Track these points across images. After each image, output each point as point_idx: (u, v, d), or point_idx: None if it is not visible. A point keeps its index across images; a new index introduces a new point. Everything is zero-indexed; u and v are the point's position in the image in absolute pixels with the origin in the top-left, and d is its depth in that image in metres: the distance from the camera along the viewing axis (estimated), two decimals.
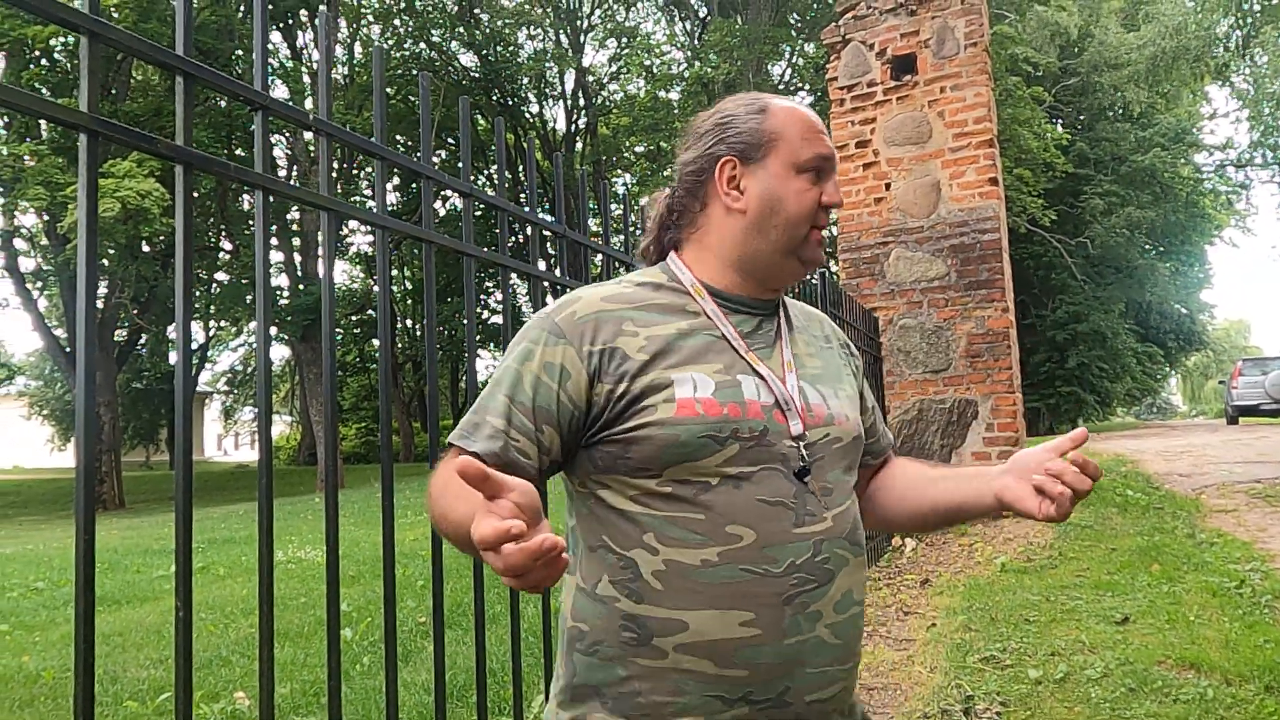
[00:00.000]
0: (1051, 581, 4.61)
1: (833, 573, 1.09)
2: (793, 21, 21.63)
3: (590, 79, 25.84)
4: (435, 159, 27.77)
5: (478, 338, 30.71)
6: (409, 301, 32.77)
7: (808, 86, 22.58)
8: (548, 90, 26.73)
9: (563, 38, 24.85)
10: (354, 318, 31.53)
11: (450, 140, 27.19)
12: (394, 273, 31.78)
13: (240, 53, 19.46)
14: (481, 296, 29.27)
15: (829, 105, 7.20)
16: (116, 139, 1.10)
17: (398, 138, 26.42)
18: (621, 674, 1.06)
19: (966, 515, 1.27)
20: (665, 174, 24.57)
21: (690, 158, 1.22)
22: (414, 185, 26.64)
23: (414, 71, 25.52)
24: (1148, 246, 26.59)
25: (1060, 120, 25.46)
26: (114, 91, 19.17)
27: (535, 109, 27.59)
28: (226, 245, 25.31)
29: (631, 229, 2.69)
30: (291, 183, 1.58)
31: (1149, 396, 36.52)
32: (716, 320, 1.16)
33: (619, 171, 29.41)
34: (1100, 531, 5.76)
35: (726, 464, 1.06)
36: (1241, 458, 9.65)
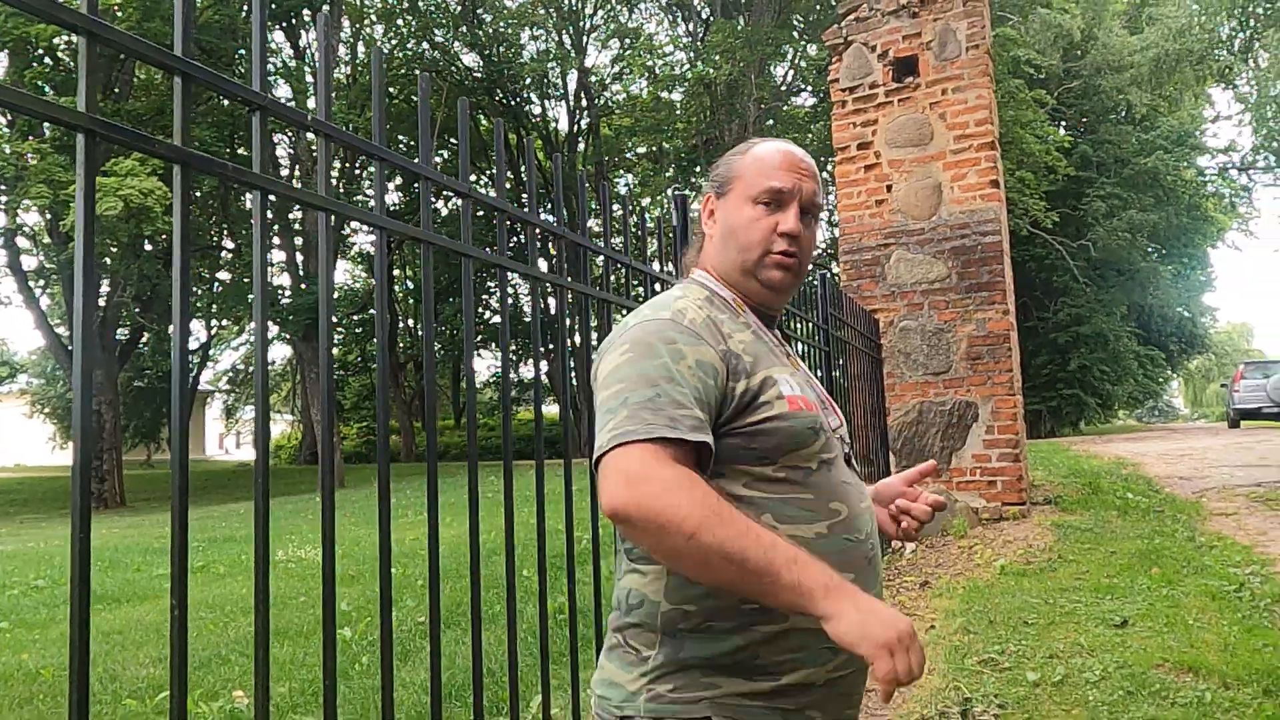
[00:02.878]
0: (1051, 584, 4.61)
1: (880, 539, 1.33)
2: (795, 23, 21.62)
3: (593, 79, 25.84)
4: (438, 159, 27.82)
5: (479, 338, 30.51)
6: (411, 301, 32.79)
7: (810, 88, 22.57)
8: (550, 91, 26.74)
9: (565, 38, 24.85)
10: (355, 317, 31.54)
11: (454, 140, 27.21)
12: (396, 273, 31.80)
13: (243, 52, 19.46)
14: (484, 297, 29.27)
15: (831, 107, 7.21)
16: (115, 139, 1.10)
17: (400, 138, 26.41)
18: (739, 643, 1.17)
19: None
20: (668, 174, 24.55)
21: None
22: (415, 185, 26.69)
23: (416, 71, 25.50)
24: (1150, 249, 26.55)
25: (1063, 122, 25.45)
26: (117, 90, 19.20)
27: (538, 110, 27.61)
28: (229, 244, 25.35)
29: (633, 230, 2.69)
30: (294, 183, 1.58)
31: (1151, 399, 36.43)
32: (758, 329, 1.34)
33: (621, 172, 29.42)
34: (1100, 534, 5.76)
35: (821, 450, 1.25)
36: (1242, 461, 9.64)
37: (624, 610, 1.24)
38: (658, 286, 2.84)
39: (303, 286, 22.12)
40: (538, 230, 2.20)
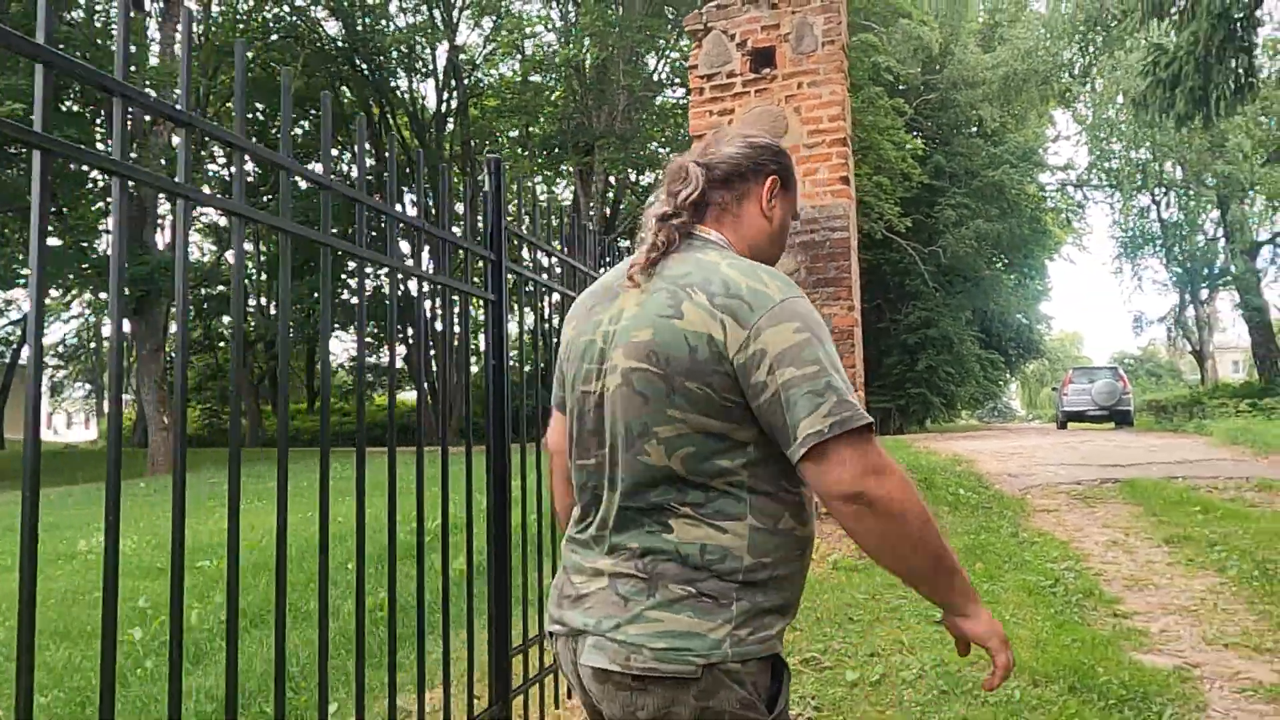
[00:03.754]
0: (880, 580, 4.62)
1: None
2: (669, 15, 21.57)
3: (462, 58, 25.11)
4: (297, 130, 26.40)
5: (337, 321, 29.31)
6: (264, 277, 31.18)
7: (680, 81, 22.62)
8: (419, 67, 25.81)
9: (436, 14, 24.01)
10: (203, 291, 29.76)
11: (313, 111, 25.95)
12: (247, 247, 30.10)
13: (100, 41, 17.74)
14: (343, 278, 28.04)
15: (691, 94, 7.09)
16: None
17: (257, 105, 24.96)
18: (789, 588, 1.32)
19: None
20: (540, 160, 24.12)
21: (739, 154, 1.42)
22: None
23: (273, 37, 24.11)
24: (994, 258, 27.98)
25: (920, 133, 26.47)
26: None
27: (404, 85, 26.61)
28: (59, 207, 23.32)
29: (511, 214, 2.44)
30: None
31: (991, 400, 38.49)
32: None
33: (491, 154, 28.71)
34: None
35: None
36: (1066, 460, 10.17)
37: (696, 565, 1.26)
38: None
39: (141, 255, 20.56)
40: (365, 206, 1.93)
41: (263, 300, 32.60)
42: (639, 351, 1.26)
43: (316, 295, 27.79)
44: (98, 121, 19.19)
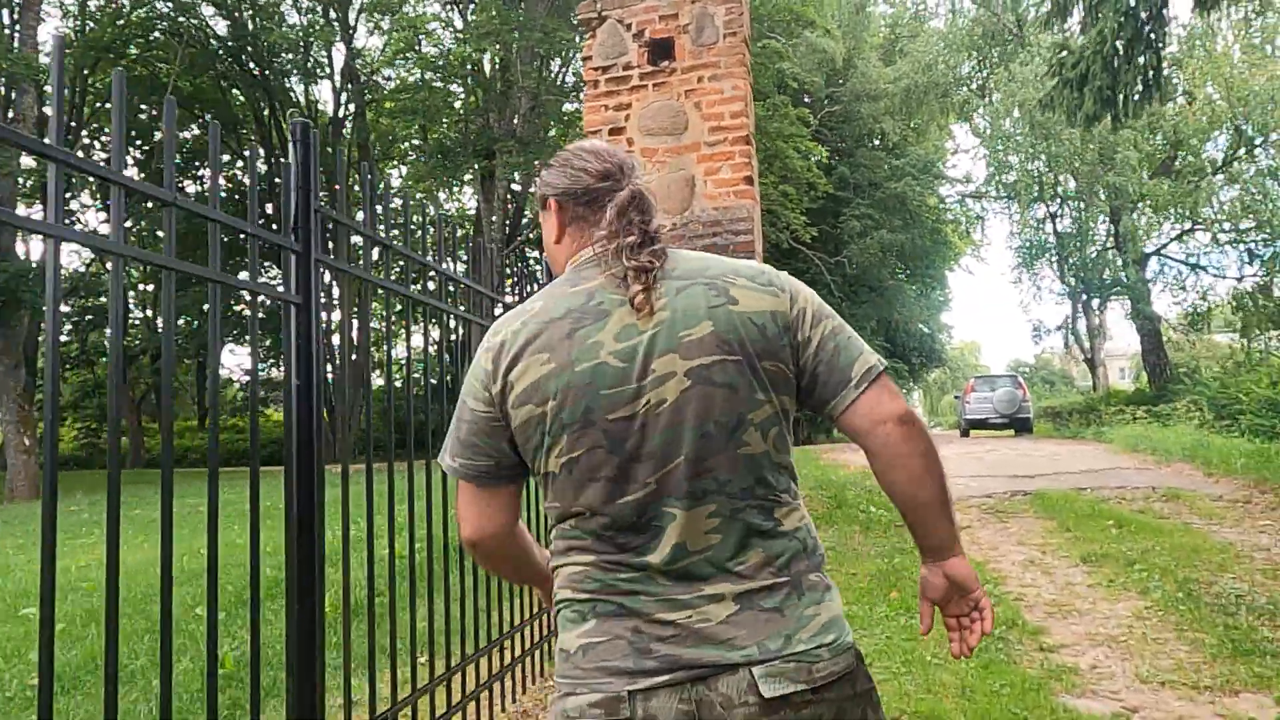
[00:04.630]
0: None
1: None
2: (574, 19, 21.13)
3: (359, 61, 24.15)
4: (188, 134, 25.00)
5: (235, 332, 27.49)
6: (149, 288, 29.50)
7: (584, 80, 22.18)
8: (315, 68, 24.71)
9: (332, 13, 23.00)
10: (85, 301, 27.97)
11: (203, 115, 24.61)
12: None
13: None
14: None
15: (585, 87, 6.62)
16: None
17: (142, 106, 23.54)
18: None
19: None
20: (445, 165, 23.30)
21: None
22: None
23: (155, 35, 22.75)
24: (897, 269, 28.35)
25: (825, 144, 26.68)
26: None
27: (300, 87, 25.45)
28: None
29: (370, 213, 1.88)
30: None
31: None
32: None
33: (395, 163, 27.80)
34: (843, 553, 5.49)
35: None
36: (974, 471, 10.02)
37: (810, 549, 1.27)
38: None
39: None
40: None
41: (148, 312, 30.84)
42: (705, 347, 1.20)
43: (204, 308, 26.36)
44: None
